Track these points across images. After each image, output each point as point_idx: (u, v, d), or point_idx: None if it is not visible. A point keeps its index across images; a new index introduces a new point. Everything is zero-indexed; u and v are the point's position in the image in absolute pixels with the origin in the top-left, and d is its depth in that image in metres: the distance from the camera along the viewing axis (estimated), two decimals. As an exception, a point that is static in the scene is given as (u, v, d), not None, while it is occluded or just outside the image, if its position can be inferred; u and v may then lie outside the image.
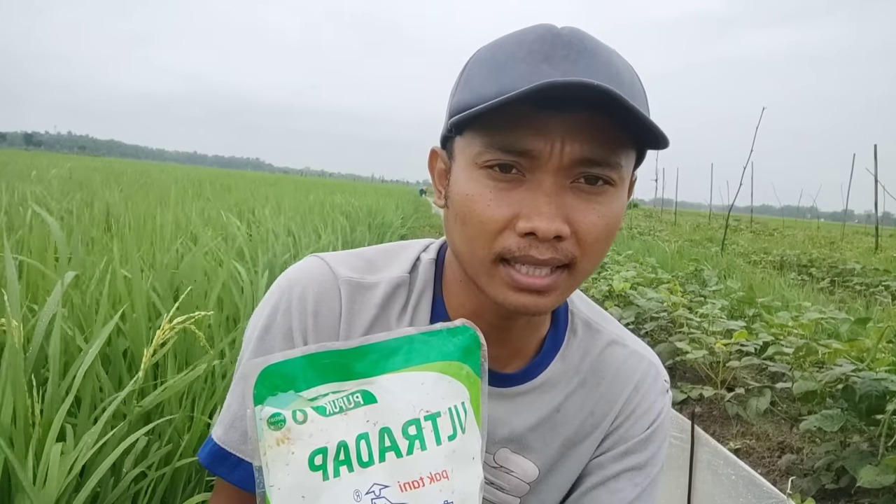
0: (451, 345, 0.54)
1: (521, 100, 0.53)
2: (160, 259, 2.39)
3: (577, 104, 0.55)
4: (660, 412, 0.77)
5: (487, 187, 0.59)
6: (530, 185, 0.58)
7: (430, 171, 0.70)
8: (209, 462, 0.69)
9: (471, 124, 0.60)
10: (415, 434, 0.49)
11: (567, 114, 0.56)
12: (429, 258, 0.75)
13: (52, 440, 1.09)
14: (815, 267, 10.09)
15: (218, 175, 19.79)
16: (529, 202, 0.57)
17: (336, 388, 0.49)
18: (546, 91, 0.52)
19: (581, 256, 0.60)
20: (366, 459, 0.47)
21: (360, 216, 8.54)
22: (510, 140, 0.57)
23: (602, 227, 0.60)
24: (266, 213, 5.47)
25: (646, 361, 0.79)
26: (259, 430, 0.46)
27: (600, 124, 0.56)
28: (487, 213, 0.59)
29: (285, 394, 0.47)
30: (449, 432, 0.50)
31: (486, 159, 0.59)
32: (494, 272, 0.61)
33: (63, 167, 8.44)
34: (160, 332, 1.25)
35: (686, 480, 2.30)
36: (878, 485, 2.18)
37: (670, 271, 7.17)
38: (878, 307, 5.85)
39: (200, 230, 3.49)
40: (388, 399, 0.49)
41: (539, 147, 0.57)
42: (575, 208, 0.58)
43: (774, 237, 18.72)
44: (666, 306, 4.59)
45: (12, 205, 3.88)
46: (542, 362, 0.74)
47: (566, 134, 0.56)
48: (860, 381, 2.42)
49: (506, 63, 0.58)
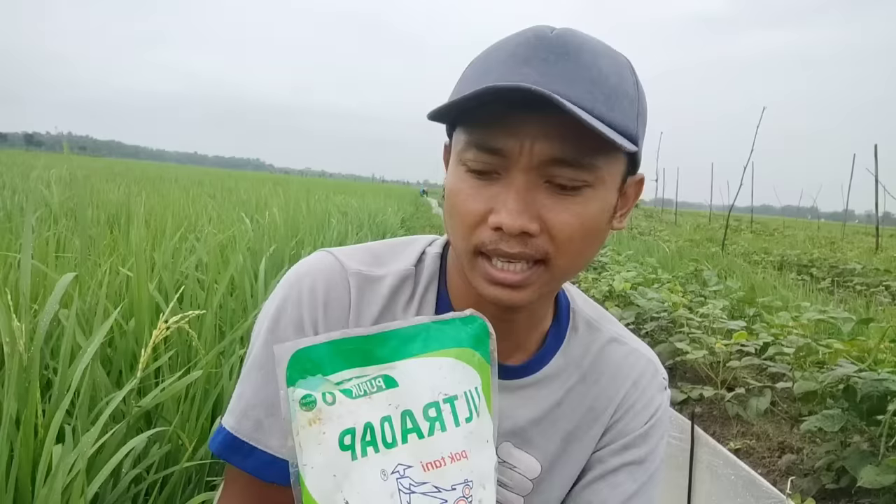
0: (464, 333, 0.56)
1: (489, 99, 0.56)
2: (163, 258, 2.40)
3: (549, 105, 0.56)
4: (658, 408, 0.79)
5: (467, 182, 0.63)
6: (504, 182, 0.61)
7: (445, 165, 0.73)
8: (221, 451, 0.70)
9: (458, 122, 0.64)
10: (434, 416, 0.51)
11: (540, 114, 0.58)
12: (434, 252, 0.77)
13: (51, 440, 1.09)
14: (816, 267, 10.08)
15: (220, 176, 19.79)
16: (501, 198, 0.60)
17: (359, 372, 0.51)
18: (488, 95, 0.55)
19: (555, 253, 0.62)
20: (390, 441, 0.49)
21: (363, 220, 8.55)
22: (485, 138, 0.60)
23: (577, 226, 0.61)
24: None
25: (644, 359, 0.81)
26: (292, 411, 0.47)
27: (575, 126, 0.56)
28: (466, 207, 0.62)
29: (314, 377, 0.49)
30: (466, 415, 0.52)
31: (466, 157, 0.62)
32: (475, 264, 0.64)
33: (62, 168, 8.44)
34: (157, 331, 1.25)
35: (686, 481, 2.30)
36: (879, 485, 2.18)
37: (670, 271, 7.17)
38: (878, 307, 5.85)
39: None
40: (408, 383, 0.51)
41: (510, 146, 0.59)
42: (547, 206, 0.61)
43: (775, 237, 18.72)
44: (666, 306, 4.59)
45: (13, 205, 3.88)
46: (543, 357, 0.76)
47: (537, 134, 0.59)
48: (861, 382, 2.42)
49: (492, 64, 0.61)
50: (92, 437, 1.14)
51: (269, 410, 0.69)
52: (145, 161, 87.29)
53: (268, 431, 0.69)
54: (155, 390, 1.44)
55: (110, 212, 4.55)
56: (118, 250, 2.53)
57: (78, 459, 1.10)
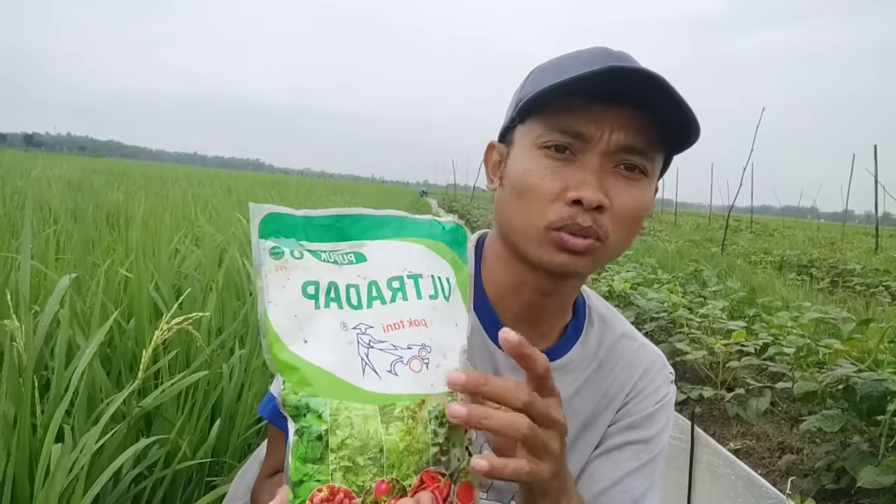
0: (439, 229, 0.58)
1: (579, 92, 0.65)
2: (163, 259, 2.39)
3: (627, 98, 0.66)
4: (665, 395, 0.84)
5: (543, 164, 0.70)
6: (580, 163, 0.69)
7: (484, 163, 0.81)
8: (271, 416, 0.76)
9: (533, 113, 0.71)
10: (398, 287, 0.54)
11: (616, 107, 0.67)
12: (469, 245, 0.81)
13: (50, 440, 1.09)
14: (816, 267, 10.09)
15: (219, 176, 19.78)
16: (578, 177, 0.68)
17: (332, 247, 0.54)
18: (605, 75, 0.63)
19: (613, 231, 0.69)
20: (354, 303, 0.52)
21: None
22: (568, 123, 0.68)
23: (633, 209, 0.70)
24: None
25: (654, 353, 0.87)
26: (262, 258, 0.51)
27: (642, 119, 0.67)
28: (543, 185, 0.69)
29: (287, 239, 0.52)
30: (430, 292, 0.55)
31: (546, 140, 0.69)
32: (545, 237, 0.70)
33: (61, 168, 8.44)
34: (159, 332, 1.25)
35: (686, 481, 2.30)
36: (879, 485, 2.18)
37: (670, 272, 7.17)
38: (878, 308, 5.85)
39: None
40: (377, 259, 0.54)
41: (591, 131, 0.68)
42: (614, 188, 0.69)
43: (774, 237, 18.73)
44: (666, 307, 4.59)
45: (13, 206, 3.88)
46: (564, 345, 0.82)
47: (615, 123, 0.67)
48: (861, 382, 2.42)
49: (567, 67, 0.69)
50: (93, 437, 1.14)
51: None
52: (145, 162, 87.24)
53: None
54: (155, 392, 1.44)
55: (109, 211, 4.55)
56: (117, 251, 2.53)
57: (78, 460, 1.10)
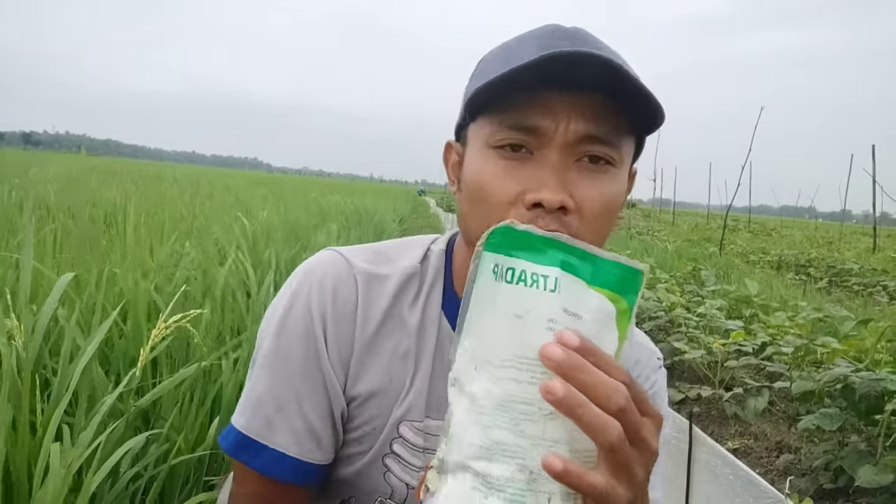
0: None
1: (529, 76, 0.57)
2: (161, 257, 2.39)
3: (581, 83, 0.59)
4: (654, 383, 0.83)
5: (498, 165, 0.63)
6: (537, 161, 0.62)
7: (444, 164, 0.75)
8: (232, 449, 0.71)
9: (483, 109, 0.64)
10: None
11: (572, 92, 0.60)
12: (438, 249, 0.79)
13: (49, 439, 1.09)
14: (814, 267, 10.10)
15: (218, 174, 19.77)
16: (537, 176, 0.61)
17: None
18: (554, 60, 0.56)
19: (582, 232, 0.62)
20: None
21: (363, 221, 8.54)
22: (519, 118, 0.61)
23: (602, 204, 0.63)
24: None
25: (641, 347, 0.85)
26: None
27: (602, 104, 0.60)
28: (498, 189, 0.62)
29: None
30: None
31: (498, 139, 0.63)
32: None
33: (59, 166, 8.43)
34: (156, 330, 1.25)
35: (684, 480, 2.31)
36: (877, 484, 2.18)
37: (668, 271, 7.18)
38: (875, 307, 5.86)
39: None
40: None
41: (545, 124, 0.61)
42: (578, 184, 0.62)
43: (772, 237, 18.75)
44: (664, 306, 4.59)
45: (10, 204, 3.87)
46: None
47: (571, 112, 0.60)
48: (859, 381, 2.42)
49: (516, 50, 0.63)
50: (88, 434, 1.14)
51: (278, 408, 0.70)
52: (143, 160, 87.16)
53: (277, 429, 0.70)
54: (154, 389, 1.44)
55: (107, 210, 4.54)
56: (115, 251, 2.53)
57: (76, 459, 1.10)
